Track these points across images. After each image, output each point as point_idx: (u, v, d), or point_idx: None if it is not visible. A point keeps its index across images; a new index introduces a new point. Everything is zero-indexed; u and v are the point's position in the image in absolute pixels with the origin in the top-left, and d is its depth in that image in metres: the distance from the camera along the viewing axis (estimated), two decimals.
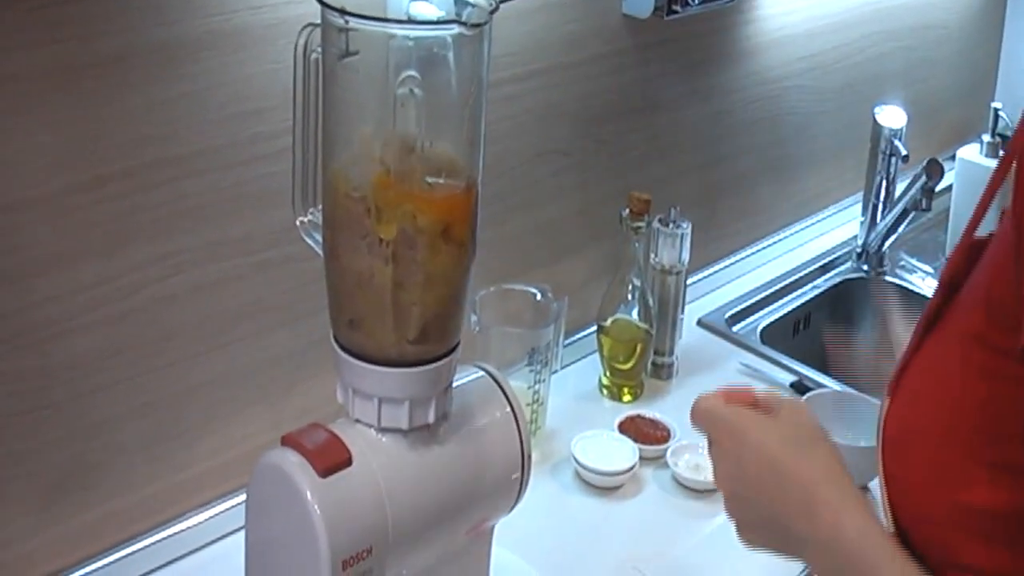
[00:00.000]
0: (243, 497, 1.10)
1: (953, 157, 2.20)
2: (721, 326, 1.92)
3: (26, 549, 1.26)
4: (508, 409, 1.13)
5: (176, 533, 1.36)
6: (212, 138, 1.28)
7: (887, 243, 2.13)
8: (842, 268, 2.16)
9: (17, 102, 1.14)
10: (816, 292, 2.09)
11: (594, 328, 1.72)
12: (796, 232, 2.18)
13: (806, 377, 1.78)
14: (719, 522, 1.23)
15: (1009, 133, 2.27)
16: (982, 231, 0.85)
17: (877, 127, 2.07)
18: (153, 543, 1.34)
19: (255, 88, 1.30)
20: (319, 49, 1.00)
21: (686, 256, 1.72)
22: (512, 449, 1.12)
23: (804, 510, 0.88)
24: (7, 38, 1.11)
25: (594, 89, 1.71)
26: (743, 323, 1.96)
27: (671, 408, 1.66)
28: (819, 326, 2.10)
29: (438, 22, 0.93)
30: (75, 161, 1.19)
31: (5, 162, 1.14)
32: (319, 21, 0.98)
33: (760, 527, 0.93)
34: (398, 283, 0.97)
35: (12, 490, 1.23)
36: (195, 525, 1.37)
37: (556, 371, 1.63)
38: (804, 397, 1.60)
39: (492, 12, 0.95)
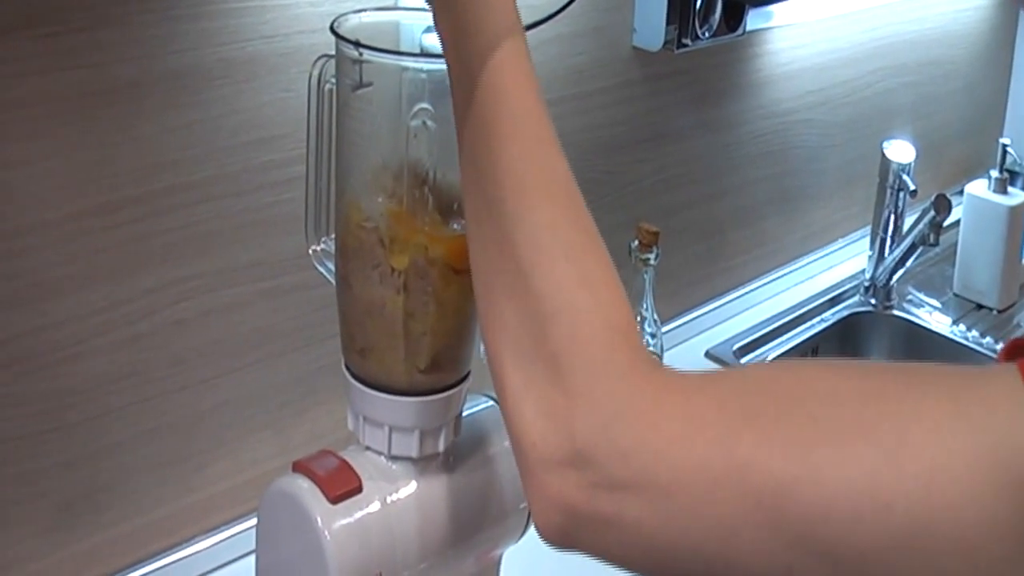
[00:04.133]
0: (252, 521, 1.10)
1: (961, 192, 2.21)
2: (729, 358, 1.92)
3: (34, 570, 1.26)
4: None
5: (185, 557, 1.36)
6: (224, 165, 1.29)
7: (895, 277, 2.13)
8: (850, 301, 2.16)
9: (30, 127, 1.14)
10: (824, 325, 2.09)
11: None
12: (804, 265, 2.19)
13: None
14: None
15: (1017, 168, 2.28)
16: None
17: (885, 161, 2.07)
18: (162, 566, 1.35)
19: (267, 116, 1.31)
20: (333, 80, 1.00)
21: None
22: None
23: None
24: (21, 64, 1.12)
25: (603, 120, 1.71)
26: (751, 355, 1.96)
27: None
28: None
29: None
30: (87, 187, 1.20)
31: (17, 187, 1.15)
32: (333, 52, 0.99)
33: None
34: (409, 313, 0.97)
35: (21, 511, 1.24)
36: (204, 549, 1.38)
37: None
38: None
39: None
